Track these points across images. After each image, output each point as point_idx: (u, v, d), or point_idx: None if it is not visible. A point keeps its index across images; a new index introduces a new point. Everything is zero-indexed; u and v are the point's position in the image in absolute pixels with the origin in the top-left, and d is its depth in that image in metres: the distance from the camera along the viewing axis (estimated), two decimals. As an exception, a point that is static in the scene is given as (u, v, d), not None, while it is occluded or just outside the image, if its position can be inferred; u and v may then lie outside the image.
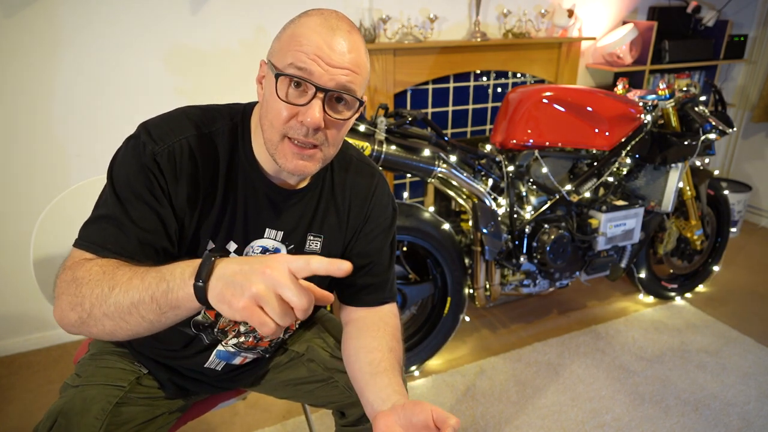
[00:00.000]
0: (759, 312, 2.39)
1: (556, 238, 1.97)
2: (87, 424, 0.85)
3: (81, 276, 0.71)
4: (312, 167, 0.82)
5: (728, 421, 1.75)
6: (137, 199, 0.79)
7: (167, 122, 0.83)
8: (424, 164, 1.80)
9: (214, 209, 0.85)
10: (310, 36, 0.75)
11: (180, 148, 0.81)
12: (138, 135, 0.82)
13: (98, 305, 0.68)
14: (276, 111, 0.78)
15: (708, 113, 2.09)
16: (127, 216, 0.78)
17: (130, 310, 0.66)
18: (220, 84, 2.09)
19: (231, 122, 0.87)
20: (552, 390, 1.89)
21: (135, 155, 0.80)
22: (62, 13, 1.78)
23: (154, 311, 0.65)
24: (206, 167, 0.83)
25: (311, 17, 0.78)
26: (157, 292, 0.65)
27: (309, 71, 0.75)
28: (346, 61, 0.76)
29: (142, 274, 0.67)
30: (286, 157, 0.80)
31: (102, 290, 0.68)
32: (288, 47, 0.77)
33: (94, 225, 0.79)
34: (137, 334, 0.69)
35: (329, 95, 0.77)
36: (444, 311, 1.97)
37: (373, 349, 0.89)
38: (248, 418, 1.75)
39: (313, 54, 0.75)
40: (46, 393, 1.85)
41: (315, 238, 0.95)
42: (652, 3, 2.84)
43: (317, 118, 0.75)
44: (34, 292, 1.26)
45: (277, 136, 0.79)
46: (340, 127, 0.81)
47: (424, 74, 2.36)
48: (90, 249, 0.77)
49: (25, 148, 1.87)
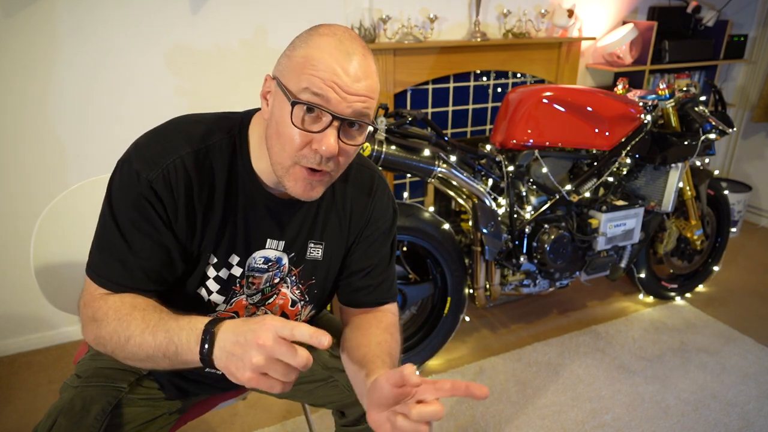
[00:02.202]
0: (759, 312, 2.39)
1: (556, 238, 1.97)
2: (87, 425, 0.85)
3: (99, 318, 0.78)
4: (318, 192, 0.81)
5: (728, 421, 1.75)
6: (138, 231, 0.79)
7: (160, 141, 0.82)
8: (424, 164, 1.80)
9: (215, 224, 0.85)
10: (326, 60, 0.73)
11: (174, 170, 0.79)
12: (130, 160, 0.80)
13: (119, 350, 0.76)
14: (288, 137, 0.76)
15: (708, 113, 2.09)
16: (130, 249, 0.80)
17: (146, 359, 0.74)
18: (220, 84, 2.09)
19: (228, 135, 0.85)
20: (552, 390, 1.89)
21: (130, 184, 0.79)
22: (61, 14, 1.78)
23: (167, 364, 0.73)
24: (203, 184, 0.82)
25: (324, 38, 0.75)
26: (168, 352, 0.71)
27: (326, 98, 0.73)
28: (362, 87, 0.75)
29: (153, 329, 0.73)
30: (296, 182, 0.79)
31: (119, 339, 0.75)
32: (302, 70, 0.74)
33: (99, 256, 0.82)
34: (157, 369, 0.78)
35: (344, 122, 0.76)
36: (444, 311, 1.97)
37: (361, 346, 0.89)
38: (248, 418, 1.75)
39: (330, 81, 0.73)
40: (46, 393, 1.85)
41: (316, 246, 0.95)
42: (652, 3, 2.84)
43: (333, 146, 0.74)
44: (34, 292, 1.26)
45: (289, 161, 0.78)
46: (352, 153, 0.81)
47: (424, 74, 2.36)
48: (100, 284, 0.81)
49: (25, 148, 1.87)
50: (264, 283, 0.93)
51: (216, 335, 0.68)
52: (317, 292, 0.99)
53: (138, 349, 0.73)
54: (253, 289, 0.93)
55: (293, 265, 0.94)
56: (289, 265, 0.94)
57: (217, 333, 0.68)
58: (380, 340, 0.90)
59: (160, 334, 0.72)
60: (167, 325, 0.73)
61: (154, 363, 0.74)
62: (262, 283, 0.93)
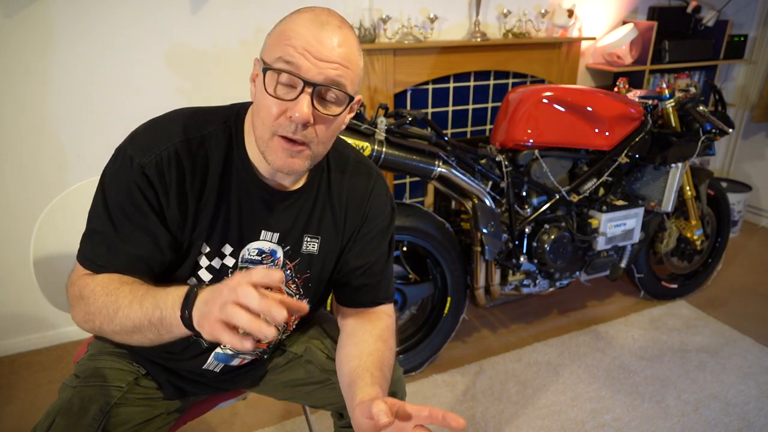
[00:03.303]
0: (759, 312, 2.39)
1: (556, 238, 1.97)
2: (85, 425, 0.85)
3: (87, 295, 0.78)
4: (300, 164, 0.81)
5: (728, 421, 1.75)
6: (126, 217, 0.80)
7: (155, 129, 0.83)
8: (424, 164, 1.80)
9: (207, 213, 0.85)
10: (299, 30, 0.75)
11: (167, 157, 0.80)
12: (125, 147, 0.82)
13: (106, 324, 0.76)
14: (266, 108, 0.77)
15: (708, 113, 2.09)
16: (117, 234, 0.81)
17: (133, 330, 0.75)
18: (220, 84, 2.09)
19: (224, 125, 0.86)
20: (552, 390, 1.89)
21: (123, 170, 0.80)
22: (61, 13, 1.78)
23: (153, 332, 0.73)
24: (195, 173, 0.83)
25: (302, 14, 0.78)
26: (153, 318, 0.72)
27: (297, 65, 0.74)
28: (336, 55, 0.76)
29: (141, 298, 0.74)
30: (276, 154, 0.79)
31: (108, 311, 0.76)
32: (277, 42, 0.76)
33: (89, 240, 0.84)
34: (144, 345, 0.78)
35: (318, 90, 0.76)
36: (444, 311, 1.97)
37: (353, 357, 0.89)
38: (248, 418, 1.75)
39: (302, 48, 0.74)
40: (46, 393, 1.85)
41: (312, 239, 0.95)
42: (652, 3, 2.84)
43: (305, 113, 0.75)
44: (34, 292, 1.26)
45: (268, 133, 0.78)
46: (329, 123, 0.80)
47: (424, 74, 2.36)
48: (86, 265, 0.83)
49: (24, 148, 1.87)
50: None
51: (198, 294, 0.69)
52: (312, 286, 0.99)
53: (126, 320, 0.74)
54: None
55: (288, 259, 0.94)
56: (284, 258, 0.93)
57: (200, 293, 0.69)
58: (372, 349, 0.90)
59: (147, 301, 0.73)
60: (155, 293, 0.74)
61: (141, 335, 0.74)
62: None
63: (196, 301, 0.68)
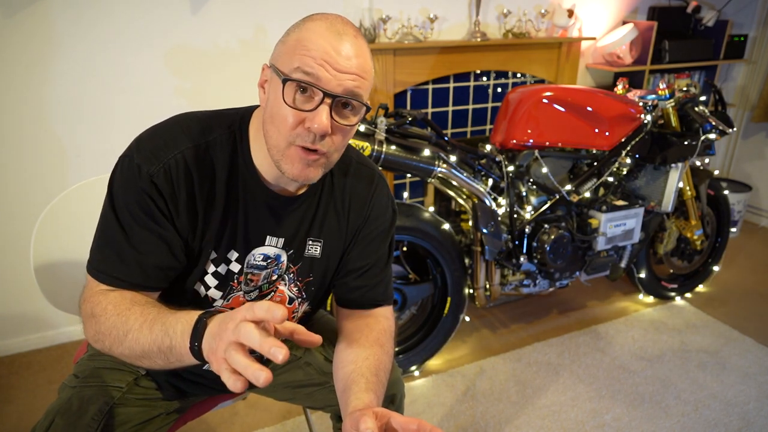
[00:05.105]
0: (759, 312, 2.39)
1: (556, 238, 1.97)
2: (83, 425, 0.85)
3: (98, 313, 0.77)
4: (316, 173, 0.81)
5: (728, 421, 1.75)
6: (138, 225, 0.79)
7: (161, 136, 0.82)
8: (424, 164, 1.80)
9: (216, 220, 0.85)
10: (317, 41, 0.75)
11: (176, 164, 0.80)
12: (131, 155, 0.80)
13: (116, 346, 0.75)
14: (282, 117, 0.76)
15: (708, 113, 2.09)
16: (129, 244, 0.80)
17: (142, 355, 0.74)
18: (219, 84, 2.09)
19: (229, 131, 0.86)
20: (552, 390, 1.89)
21: (131, 179, 0.79)
22: (61, 14, 1.78)
23: (162, 360, 0.72)
24: (203, 180, 0.82)
25: (316, 22, 0.77)
26: (163, 346, 0.71)
27: (316, 76, 0.74)
28: (354, 66, 0.76)
29: (151, 323, 0.73)
30: (293, 164, 0.79)
31: (117, 334, 0.75)
32: (294, 52, 0.75)
33: (100, 252, 0.82)
34: (154, 369, 0.78)
35: (336, 101, 0.76)
36: (444, 311, 1.97)
37: (348, 362, 0.88)
38: (248, 418, 1.75)
39: (321, 59, 0.74)
40: (46, 393, 1.85)
41: (314, 243, 0.95)
42: (652, 3, 2.84)
43: (325, 124, 0.74)
44: (34, 292, 1.26)
45: (284, 142, 0.78)
46: (346, 132, 0.80)
47: (424, 74, 2.36)
48: (99, 279, 0.81)
49: (25, 148, 1.87)
50: (262, 280, 0.93)
51: (207, 326, 0.67)
52: (314, 289, 0.99)
53: (135, 344, 0.73)
54: (251, 285, 0.93)
55: (291, 263, 0.94)
56: (288, 262, 0.94)
57: (209, 324, 0.67)
58: (368, 353, 0.89)
59: (156, 327, 0.72)
60: (165, 318, 0.72)
61: (150, 361, 0.73)
62: (260, 280, 0.93)
63: (205, 334, 0.66)
